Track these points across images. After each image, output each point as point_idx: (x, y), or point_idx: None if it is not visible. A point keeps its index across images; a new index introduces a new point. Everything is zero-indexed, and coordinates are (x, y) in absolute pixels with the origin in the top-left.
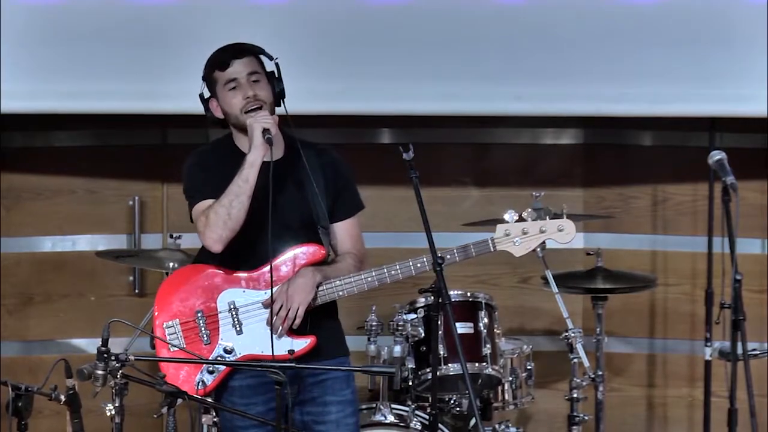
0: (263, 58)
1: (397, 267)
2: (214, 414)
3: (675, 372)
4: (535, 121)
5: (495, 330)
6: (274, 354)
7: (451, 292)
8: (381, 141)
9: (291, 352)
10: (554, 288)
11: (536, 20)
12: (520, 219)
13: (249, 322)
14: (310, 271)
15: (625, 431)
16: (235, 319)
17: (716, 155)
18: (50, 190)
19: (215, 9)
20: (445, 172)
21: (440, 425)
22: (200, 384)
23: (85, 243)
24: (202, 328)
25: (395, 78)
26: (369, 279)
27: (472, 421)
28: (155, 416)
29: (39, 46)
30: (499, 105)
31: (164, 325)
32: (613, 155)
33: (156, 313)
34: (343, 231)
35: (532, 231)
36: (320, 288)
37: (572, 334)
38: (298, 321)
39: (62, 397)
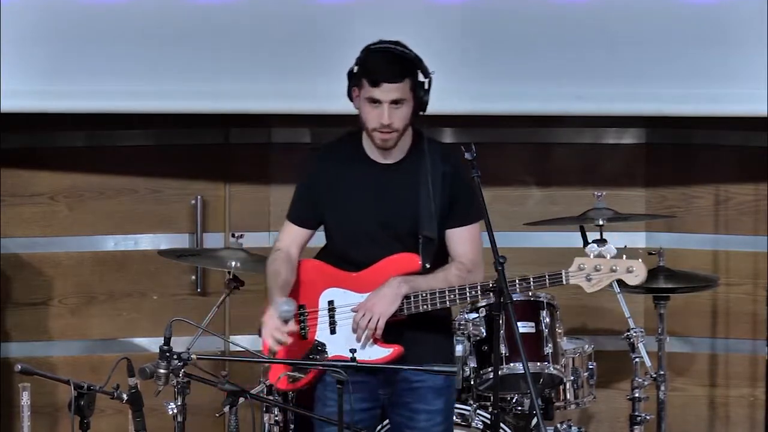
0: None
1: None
2: (275, 413)
3: (736, 372)
4: (597, 120)
5: (557, 329)
6: (362, 359)
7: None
8: (443, 140)
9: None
10: (616, 288)
11: (598, 20)
12: (599, 255)
13: (343, 323)
14: (397, 282)
15: (686, 431)
16: (331, 319)
17: None
18: (113, 190)
19: (278, 9)
20: (508, 172)
21: (502, 425)
22: (292, 379)
23: (147, 242)
24: (302, 323)
25: (457, 78)
26: (451, 297)
27: (534, 421)
28: (217, 415)
29: (98, 46)
30: (561, 105)
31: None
32: (675, 155)
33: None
34: (455, 238)
35: (604, 269)
36: (408, 299)
37: (634, 334)
38: (379, 332)
39: (124, 396)
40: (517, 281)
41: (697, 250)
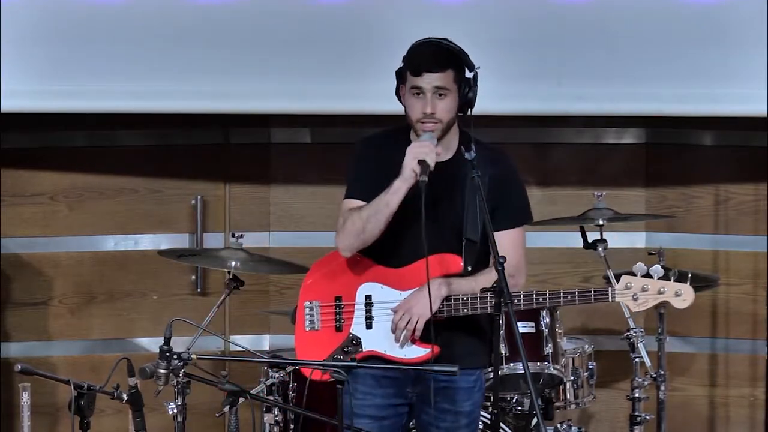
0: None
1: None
2: (275, 413)
3: (736, 372)
4: (597, 120)
5: (557, 329)
6: (398, 357)
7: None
8: None
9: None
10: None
11: (598, 20)
12: (647, 275)
13: (380, 319)
14: (437, 284)
15: (686, 431)
16: (368, 314)
17: None
18: (113, 190)
19: (278, 9)
20: None
21: (502, 425)
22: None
23: (147, 242)
24: (338, 315)
25: None
26: (492, 303)
27: (534, 421)
28: (217, 415)
29: (98, 46)
30: (561, 105)
31: (305, 304)
32: (675, 155)
33: (302, 291)
34: (498, 242)
35: (651, 290)
36: (447, 301)
37: (634, 334)
38: (417, 333)
39: (124, 396)
40: (561, 294)
41: (697, 250)
